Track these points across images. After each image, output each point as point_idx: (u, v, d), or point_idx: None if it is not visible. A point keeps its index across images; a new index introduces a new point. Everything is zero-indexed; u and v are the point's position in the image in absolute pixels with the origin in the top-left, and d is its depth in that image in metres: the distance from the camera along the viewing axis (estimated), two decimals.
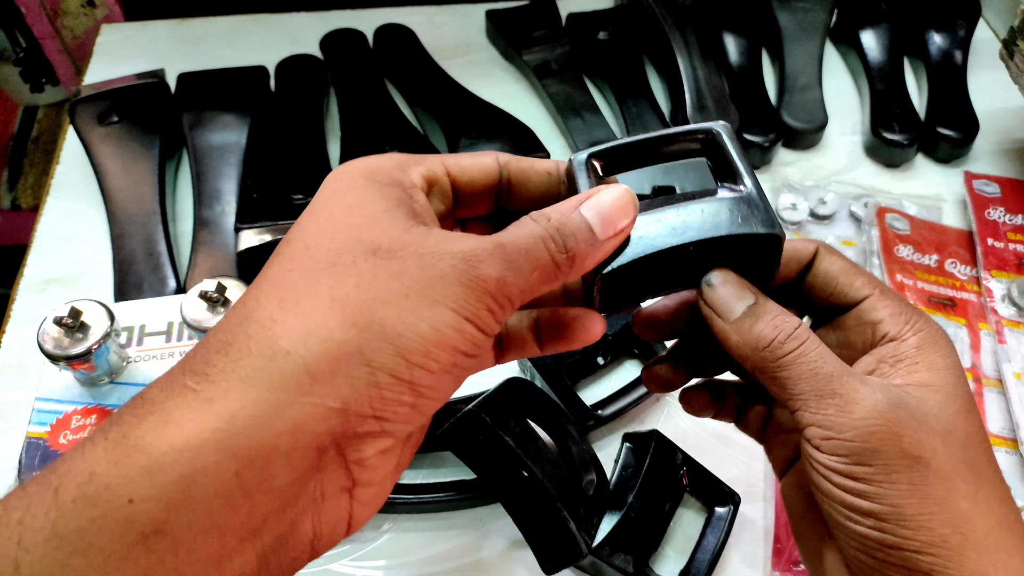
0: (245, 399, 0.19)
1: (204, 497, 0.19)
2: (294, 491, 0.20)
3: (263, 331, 0.20)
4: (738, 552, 0.41)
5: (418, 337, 0.21)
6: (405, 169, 0.25)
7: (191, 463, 0.19)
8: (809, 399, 0.24)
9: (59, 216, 0.56)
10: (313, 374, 0.20)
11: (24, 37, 0.86)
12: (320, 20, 0.71)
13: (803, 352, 0.25)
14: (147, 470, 0.18)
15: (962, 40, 0.66)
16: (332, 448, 0.20)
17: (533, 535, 0.38)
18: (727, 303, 0.26)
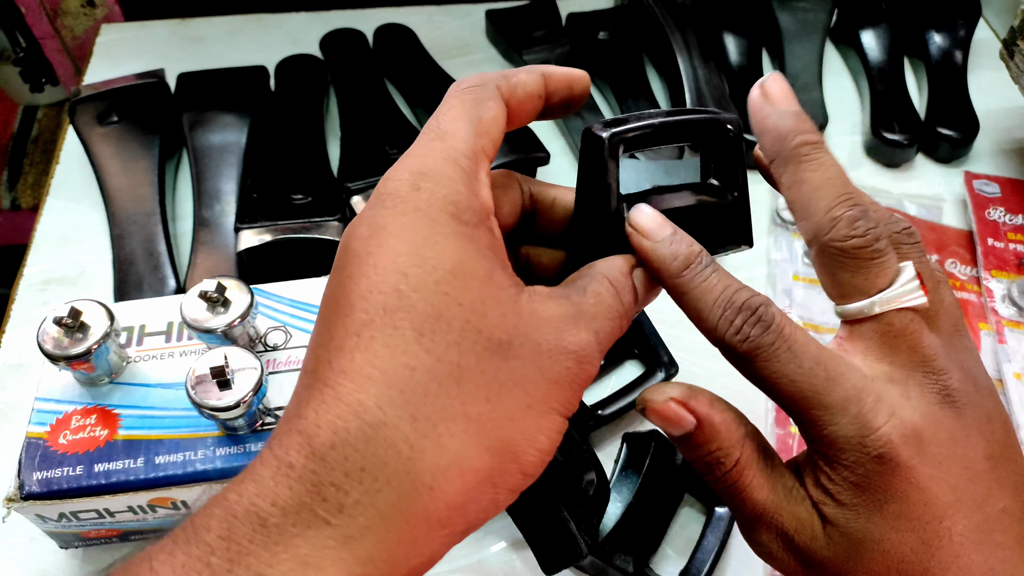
0: (387, 539, 0.18)
1: None
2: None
3: (401, 460, 0.18)
4: (738, 552, 0.41)
5: (538, 452, 0.21)
6: (476, 190, 0.22)
7: None
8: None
9: (59, 216, 0.56)
10: (452, 508, 0.19)
11: (24, 37, 0.86)
12: (320, 20, 0.71)
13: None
14: None
15: (962, 40, 0.66)
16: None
17: (533, 535, 0.38)
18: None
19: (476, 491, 0.19)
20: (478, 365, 0.19)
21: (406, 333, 0.19)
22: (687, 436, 0.24)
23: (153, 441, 0.36)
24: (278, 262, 0.49)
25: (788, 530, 0.23)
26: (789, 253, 0.54)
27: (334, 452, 0.18)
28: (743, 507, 0.24)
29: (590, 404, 0.45)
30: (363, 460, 0.18)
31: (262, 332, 0.40)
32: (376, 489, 0.18)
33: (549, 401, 0.20)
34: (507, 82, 0.24)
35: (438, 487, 0.19)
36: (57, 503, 0.35)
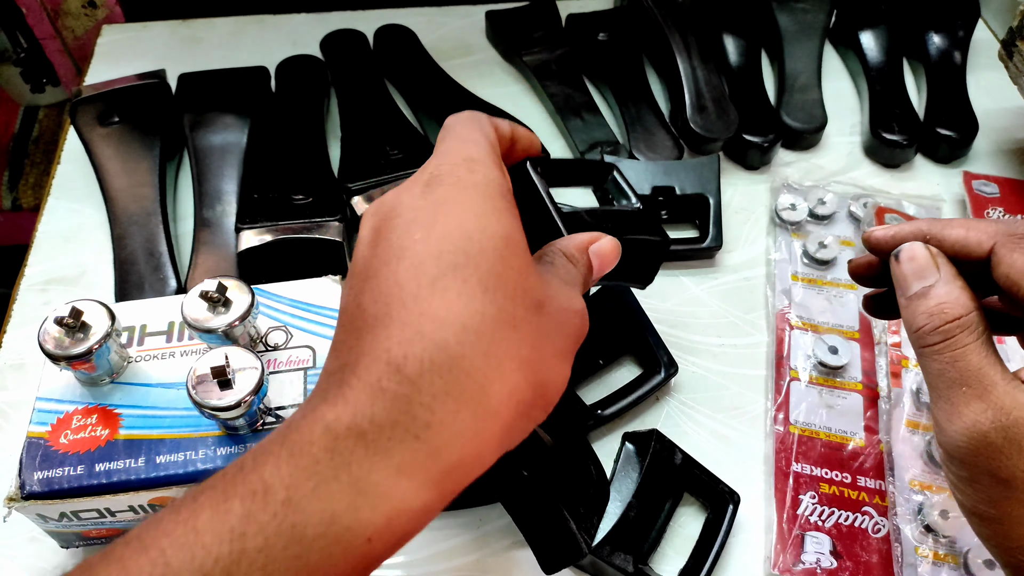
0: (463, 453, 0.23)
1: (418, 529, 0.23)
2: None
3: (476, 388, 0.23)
4: (738, 552, 0.41)
5: (556, 393, 0.26)
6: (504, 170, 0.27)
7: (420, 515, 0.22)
8: (933, 392, 0.27)
9: (60, 216, 0.56)
10: (505, 430, 0.24)
11: (25, 38, 0.86)
12: (320, 21, 0.71)
13: (943, 348, 0.27)
14: (387, 518, 0.21)
15: (961, 41, 0.66)
16: None
17: (533, 535, 0.38)
18: (905, 279, 0.29)
19: (520, 418, 0.24)
20: (526, 317, 0.24)
21: (474, 287, 0.23)
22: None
23: (154, 441, 0.36)
24: (279, 262, 0.49)
25: (1004, 405, 0.25)
26: (788, 253, 0.54)
27: (422, 379, 0.22)
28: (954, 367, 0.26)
29: (590, 404, 0.45)
30: (447, 386, 0.22)
31: (263, 332, 0.40)
32: (456, 410, 0.22)
33: (566, 351, 0.26)
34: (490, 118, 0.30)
35: (500, 412, 0.23)
36: (58, 503, 0.35)
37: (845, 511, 0.42)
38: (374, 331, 0.23)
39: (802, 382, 0.47)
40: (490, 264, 0.23)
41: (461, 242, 0.24)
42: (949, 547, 0.40)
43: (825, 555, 0.41)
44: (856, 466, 0.44)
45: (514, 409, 0.23)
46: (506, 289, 0.23)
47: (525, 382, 0.24)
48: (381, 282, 0.24)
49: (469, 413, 0.22)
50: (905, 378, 0.47)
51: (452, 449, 0.22)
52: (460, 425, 0.22)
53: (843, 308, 0.51)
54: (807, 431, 0.45)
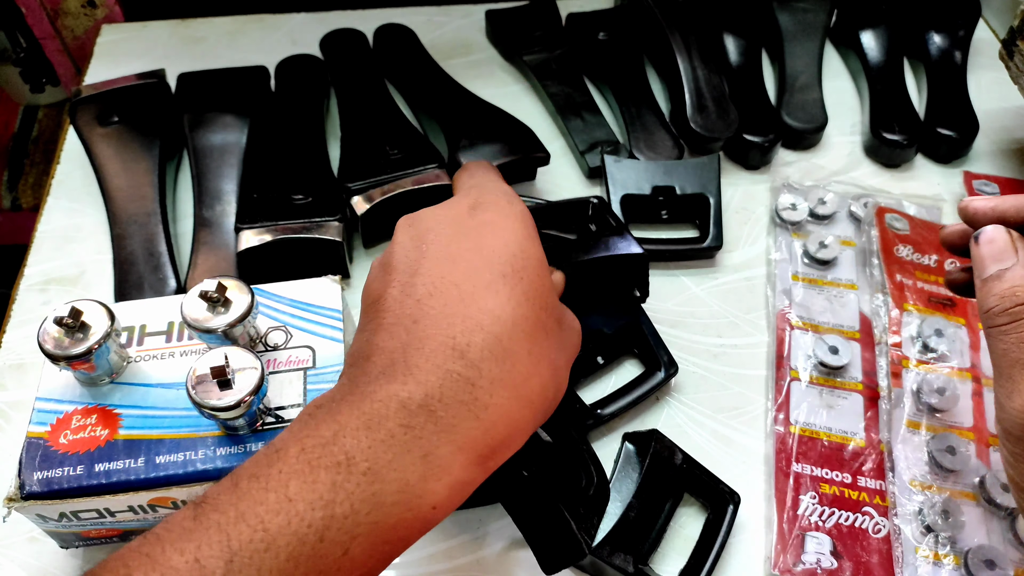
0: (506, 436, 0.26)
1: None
2: None
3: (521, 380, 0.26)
4: (738, 552, 0.41)
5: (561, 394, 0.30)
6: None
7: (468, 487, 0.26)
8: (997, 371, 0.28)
9: (59, 216, 0.56)
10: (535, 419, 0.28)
11: (24, 37, 0.86)
12: (320, 20, 0.71)
13: (1009, 330, 0.28)
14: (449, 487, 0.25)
15: (962, 40, 0.66)
16: None
17: (533, 535, 0.38)
18: (983, 261, 0.30)
19: (542, 413, 0.27)
20: (554, 328, 0.29)
21: (520, 294, 0.27)
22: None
23: (154, 441, 0.36)
24: (279, 262, 0.49)
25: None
26: (789, 253, 0.54)
27: (483, 364, 0.26)
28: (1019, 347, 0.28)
29: (590, 403, 0.45)
30: (501, 373, 0.26)
31: (262, 332, 0.40)
32: (507, 396, 0.26)
33: (569, 360, 0.30)
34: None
35: (534, 402, 0.27)
36: (58, 503, 0.35)
37: (845, 511, 0.42)
38: (436, 320, 0.26)
39: (802, 382, 0.47)
40: (531, 279, 0.28)
41: (508, 257, 0.28)
42: (950, 547, 0.40)
43: (825, 555, 0.41)
44: (856, 466, 0.44)
45: (542, 402, 0.27)
46: (542, 301, 0.28)
47: (552, 381, 0.28)
48: (436, 280, 0.28)
49: (515, 399, 0.26)
50: (905, 378, 0.47)
51: (499, 429, 0.25)
52: (508, 408, 0.26)
53: (843, 308, 0.51)
54: (807, 431, 0.45)
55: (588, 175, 0.59)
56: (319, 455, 0.23)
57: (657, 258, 0.53)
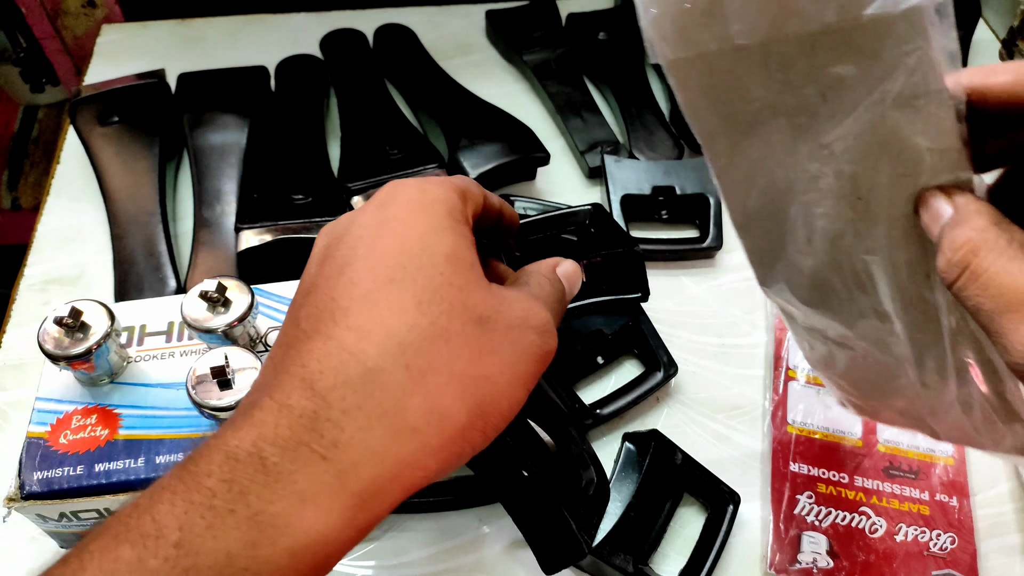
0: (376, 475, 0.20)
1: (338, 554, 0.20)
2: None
3: (393, 402, 0.21)
4: (737, 552, 0.42)
5: (499, 416, 0.24)
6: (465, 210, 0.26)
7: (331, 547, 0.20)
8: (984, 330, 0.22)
9: (59, 216, 0.56)
10: (432, 451, 0.22)
11: (24, 37, 0.86)
12: (320, 20, 0.71)
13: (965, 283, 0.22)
14: (290, 554, 0.19)
15: (961, 40, 0.66)
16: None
17: (533, 535, 0.38)
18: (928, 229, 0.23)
19: (451, 442, 0.22)
20: (463, 331, 0.23)
21: (407, 300, 0.22)
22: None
23: (153, 441, 0.36)
24: (278, 262, 0.49)
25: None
26: None
27: (334, 392, 0.21)
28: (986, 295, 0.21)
29: (589, 403, 0.45)
30: (360, 400, 0.21)
31: (262, 332, 0.40)
32: (369, 426, 0.20)
33: (517, 369, 0.24)
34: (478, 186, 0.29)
35: (421, 430, 0.21)
36: (58, 503, 0.35)
37: (842, 511, 0.42)
38: (298, 347, 0.22)
39: (800, 382, 0.47)
40: (428, 279, 0.23)
41: (400, 257, 0.23)
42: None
43: (822, 555, 0.41)
44: (853, 466, 0.44)
45: (440, 428, 0.22)
46: (442, 303, 0.22)
47: (456, 399, 0.22)
48: (318, 297, 0.23)
49: (383, 429, 0.20)
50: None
51: (364, 470, 0.20)
52: (373, 443, 0.20)
53: None
54: (804, 431, 0.45)
55: (588, 175, 0.59)
56: (127, 526, 0.19)
57: (657, 258, 0.53)
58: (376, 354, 0.21)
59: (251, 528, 0.19)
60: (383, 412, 0.21)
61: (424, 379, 0.21)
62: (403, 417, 0.21)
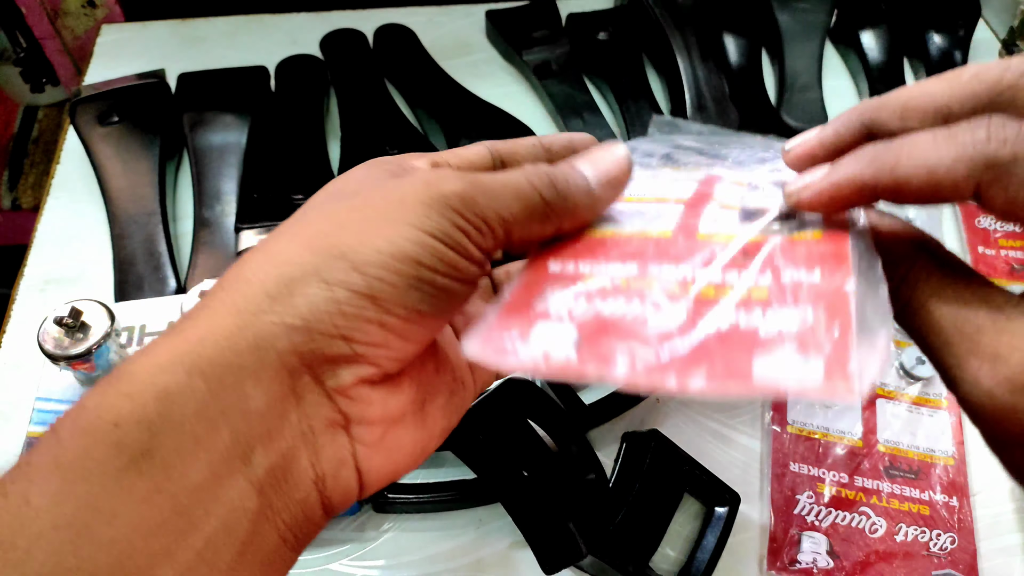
0: (211, 324, 0.20)
1: (183, 416, 0.19)
2: (274, 415, 0.20)
3: (236, 271, 0.21)
4: (737, 552, 0.42)
5: (373, 250, 0.21)
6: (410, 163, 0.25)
7: (164, 383, 0.19)
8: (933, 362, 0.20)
9: (59, 216, 0.56)
10: (272, 295, 0.20)
11: (24, 37, 0.86)
12: (320, 20, 0.71)
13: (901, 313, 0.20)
14: (126, 394, 0.19)
15: (962, 40, 0.66)
16: (304, 371, 0.21)
17: (533, 535, 0.38)
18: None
19: (300, 282, 0.21)
20: (321, 208, 0.23)
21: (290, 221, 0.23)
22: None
23: None
24: None
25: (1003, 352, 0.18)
26: None
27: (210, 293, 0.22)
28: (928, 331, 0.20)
29: (590, 404, 0.45)
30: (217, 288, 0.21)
31: None
32: (213, 296, 0.21)
33: (390, 215, 0.21)
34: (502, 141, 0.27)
35: (255, 278, 0.21)
36: None
37: (842, 511, 0.42)
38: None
39: None
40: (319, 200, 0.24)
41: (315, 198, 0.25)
42: None
43: (822, 555, 0.41)
44: (854, 466, 0.44)
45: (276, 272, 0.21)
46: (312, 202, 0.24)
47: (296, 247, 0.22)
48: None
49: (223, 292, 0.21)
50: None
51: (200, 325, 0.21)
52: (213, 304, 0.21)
53: None
54: (804, 431, 0.45)
55: None
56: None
57: None
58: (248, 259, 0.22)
59: (102, 383, 0.20)
60: (227, 281, 0.21)
61: (265, 244, 0.22)
62: (240, 276, 0.21)
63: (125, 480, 0.18)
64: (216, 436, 0.19)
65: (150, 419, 0.19)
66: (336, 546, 0.41)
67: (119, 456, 0.18)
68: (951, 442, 0.45)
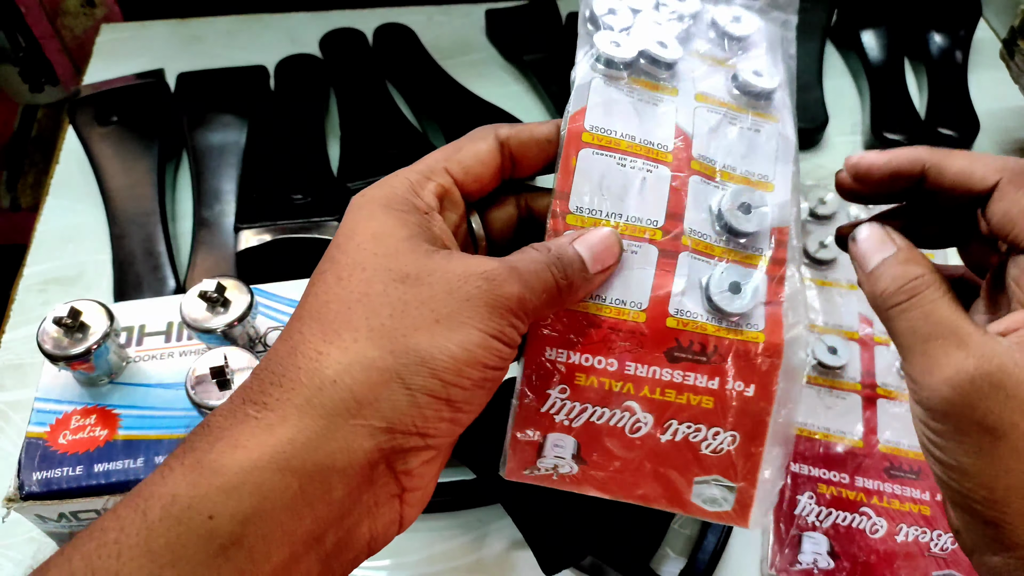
0: (301, 424, 0.22)
1: (273, 509, 0.21)
2: (351, 501, 0.22)
3: (310, 363, 0.23)
4: (738, 553, 0.41)
5: (450, 358, 0.23)
6: (419, 192, 0.26)
7: (260, 481, 0.21)
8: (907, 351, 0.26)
9: (59, 216, 0.56)
10: (359, 399, 0.22)
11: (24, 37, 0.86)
12: (320, 20, 0.70)
13: (912, 305, 0.26)
14: (222, 489, 0.21)
15: (962, 40, 0.66)
16: (382, 463, 0.23)
17: (533, 535, 0.38)
18: (864, 255, 0.28)
19: (384, 387, 0.22)
20: (384, 291, 0.23)
21: (329, 280, 0.24)
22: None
23: (153, 441, 0.36)
24: (278, 262, 0.49)
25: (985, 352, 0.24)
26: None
27: (265, 370, 0.23)
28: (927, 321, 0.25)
29: None
30: (284, 370, 0.23)
31: (262, 332, 0.40)
32: (291, 388, 0.22)
33: (459, 316, 0.23)
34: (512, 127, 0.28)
35: (340, 380, 0.22)
36: (57, 503, 0.35)
37: (843, 511, 0.42)
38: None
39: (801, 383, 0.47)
40: (350, 257, 0.24)
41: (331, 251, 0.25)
42: None
43: (822, 555, 0.41)
44: (854, 467, 0.44)
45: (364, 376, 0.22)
46: (363, 273, 0.24)
47: (376, 349, 0.23)
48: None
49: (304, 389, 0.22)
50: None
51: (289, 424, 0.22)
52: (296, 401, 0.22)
53: (843, 308, 0.51)
54: (805, 431, 0.45)
55: None
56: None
57: None
58: (297, 331, 0.24)
59: (192, 472, 0.21)
60: (303, 375, 0.22)
61: (339, 337, 0.23)
62: (320, 374, 0.22)
63: (213, 565, 0.20)
64: (300, 524, 0.21)
65: (245, 514, 0.21)
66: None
67: (210, 544, 0.20)
68: None
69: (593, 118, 0.28)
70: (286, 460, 0.21)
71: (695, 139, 0.29)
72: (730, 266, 0.27)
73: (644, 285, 0.27)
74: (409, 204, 0.26)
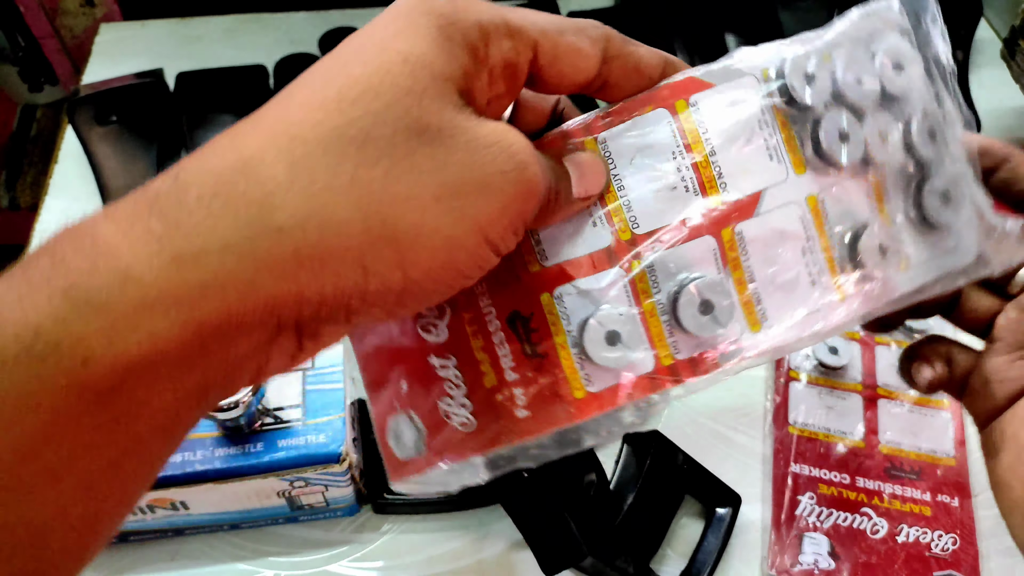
0: (222, 269, 0.17)
1: (165, 363, 0.16)
2: (247, 360, 0.18)
3: (261, 193, 0.17)
4: (738, 553, 0.41)
5: (427, 253, 0.18)
6: (488, 40, 0.20)
7: (155, 331, 0.16)
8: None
9: (58, 215, 0.56)
10: (300, 260, 0.17)
11: (23, 36, 0.86)
12: (319, 19, 0.70)
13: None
14: (105, 333, 0.16)
15: (963, 39, 0.66)
16: (293, 328, 0.18)
17: (533, 536, 0.38)
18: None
19: (336, 259, 0.17)
20: (391, 138, 0.18)
21: (329, 96, 0.18)
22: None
23: None
24: None
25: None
26: None
27: (195, 177, 0.17)
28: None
29: None
30: (221, 186, 0.17)
31: None
32: (222, 216, 0.17)
33: (465, 206, 0.18)
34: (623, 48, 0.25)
35: (290, 230, 0.17)
36: None
37: (843, 512, 0.42)
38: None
39: (801, 383, 0.47)
40: (364, 76, 0.19)
41: (346, 55, 0.20)
42: None
43: (823, 556, 0.40)
44: (855, 467, 0.44)
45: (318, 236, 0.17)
46: (373, 103, 0.18)
47: (348, 209, 0.17)
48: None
49: (241, 225, 0.17)
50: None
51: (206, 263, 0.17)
52: (225, 235, 0.17)
53: None
54: (806, 432, 0.45)
55: None
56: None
57: None
58: (257, 146, 0.18)
59: (63, 303, 0.16)
60: (245, 201, 0.17)
61: (310, 177, 0.17)
62: (270, 215, 0.17)
63: (85, 414, 0.16)
64: (189, 380, 0.17)
65: (129, 363, 0.16)
66: (335, 547, 0.41)
67: (84, 392, 0.16)
68: (952, 443, 0.45)
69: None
70: (191, 311, 0.16)
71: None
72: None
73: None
74: (469, 42, 0.20)
